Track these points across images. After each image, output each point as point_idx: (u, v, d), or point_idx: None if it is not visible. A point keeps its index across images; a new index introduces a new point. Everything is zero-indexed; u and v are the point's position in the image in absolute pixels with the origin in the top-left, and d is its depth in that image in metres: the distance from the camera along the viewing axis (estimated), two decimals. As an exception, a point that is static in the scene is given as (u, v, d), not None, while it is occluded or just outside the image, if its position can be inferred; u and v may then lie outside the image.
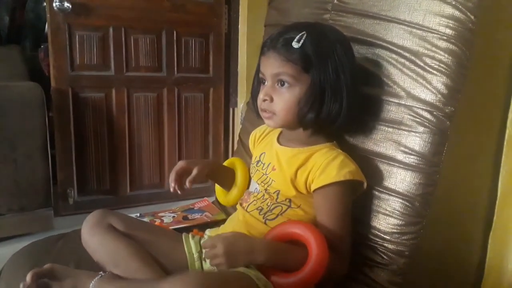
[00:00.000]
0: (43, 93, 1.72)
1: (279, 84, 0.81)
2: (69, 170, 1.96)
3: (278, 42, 0.81)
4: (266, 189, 0.87)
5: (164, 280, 0.70)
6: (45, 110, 1.71)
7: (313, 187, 0.80)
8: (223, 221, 1.00)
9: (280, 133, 0.93)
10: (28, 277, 0.77)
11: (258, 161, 0.93)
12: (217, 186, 1.04)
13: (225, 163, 1.05)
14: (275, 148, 0.90)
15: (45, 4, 1.86)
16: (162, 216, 1.24)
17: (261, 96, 0.83)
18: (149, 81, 2.06)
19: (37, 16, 3.75)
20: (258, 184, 0.90)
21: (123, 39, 1.96)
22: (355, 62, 0.85)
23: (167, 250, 0.87)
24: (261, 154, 0.93)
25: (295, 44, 0.78)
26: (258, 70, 0.87)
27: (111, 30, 1.94)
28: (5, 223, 1.70)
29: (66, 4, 1.82)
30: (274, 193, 0.86)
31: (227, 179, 1.01)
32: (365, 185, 0.81)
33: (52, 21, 1.85)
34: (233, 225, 0.90)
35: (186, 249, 0.89)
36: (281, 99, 0.81)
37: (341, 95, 0.80)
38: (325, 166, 0.79)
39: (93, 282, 0.78)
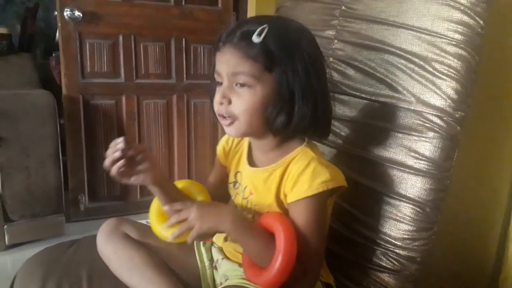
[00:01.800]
0: (54, 101, 1.75)
1: (238, 85, 0.70)
2: (80, 177, 1.98)
3: (235, 35, 0.69)
4: (253, 217, 0.79)
5: None
6: (56, 117, 1.74)
7: (287, 200, 0.73)
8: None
9: (249, 147, 0.83)
10: None
11: (235, 182, 0.84)
12: (153, 209, 0.85)
13: (178, 184, 0.85)
14: (248, 171, 0.80)
15: (56, 13, 1.89)
16: (173, 223, 1.24)
17: (217, 98, 0.72)
18: (158, 88, 2.08)
19: (48, 25, 3.81)
20: (243, 210, 0.81)
21: (133, 46, 1.99)
22: (323, 59, 0.75)
23: (180, 258, 0.86)
24: (237, 173, 0.84)
25: (255, 38, 0.67)
26: (213, 69, 0.75)
27: (121, 38, 1.96)
28: (18, 230, 1.73)
29: (77, 13, 1.85)
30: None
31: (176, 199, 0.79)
32: (345, 186, 0.74)
33: (63, 30, 1.88)
34: (232, 245, 0.84)
35: (197, 257, 0.88)
36: (241, 101, 0.70)
37: (313, 96, 0.70)
38: (297, 177, 0.71)
39: None
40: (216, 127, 2.24)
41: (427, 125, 0.83)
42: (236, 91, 0.70)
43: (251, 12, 2.08)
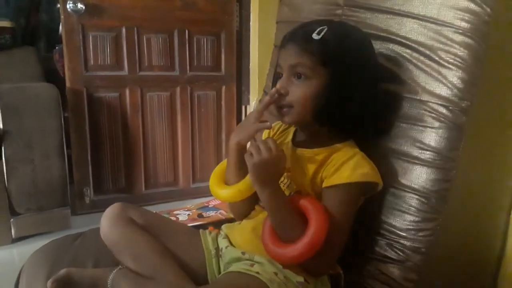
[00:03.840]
0: (58, 94, 1.75)
1: (296, 77, 0.78)
2: (85, 170, 1.98)
3: (298, 34, 0.79)
4: (290, 193, 0.84)
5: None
6: (60, 110, 1.74)
7: (324, 184, 0.78)
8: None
9: (294, 135, 0.89)
10: (49, 286, 0.78)
11: None
12: (217, 173, 0.90)
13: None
14: (290, 150, 0.86)
15: (58, 5, 1.89)
16: (178, 214, 1.25)
17: (277, 87, 0.79)
18: (162, 80, 2.07)
19: (51, 17, 3.80)
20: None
21: (136, 39, 1.98)
22: (377, 63, 0.83)
23: (185, 245, 0.87)
24: None
25: (314, 36, 0.76)
26: (276, 65, 0.84)
27: (124, 30, 1.95)
28: (24, 223, 1.74)
29: (80, 6, 1.84)
30: (292, 194, 0.83)
31: (240, 169, 0.85)
32: (380, 186, 0.79)
33: (66, 23, 1.87)
34: (252, 224, 0.87)
35: (203, 245, 0.89)
36: (297, 91, 0.78)
37: (361, 97, 0.77)
38: (340, 164, 0.77)
39: (112, 274, 0.79)
40: (220, 119, 2.24)
41: (433, 115, 0.82)
42: (294, 82, 0.78)
43: (254, 3, 2.06)
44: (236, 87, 2.23)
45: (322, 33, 0.76)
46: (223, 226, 0.95)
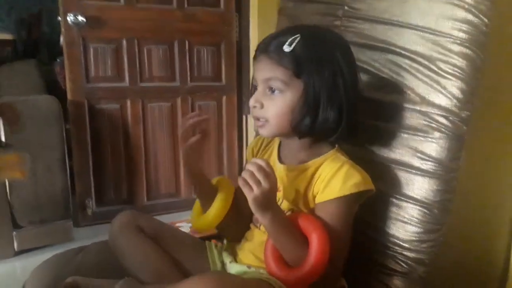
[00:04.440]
0: (60, 106, 1.76)
1: (270, 91, 0.77)
2: (87, 181, 1.99)
3: (270, 45, 0.76)
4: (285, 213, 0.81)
5: (184, 280, 0.68)
6: (62, 122, 1.75)
7: (316, 200, 0.77)
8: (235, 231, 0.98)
9: (279, 146, 0.87)
10: None
11: None
12: (196, 205, 0.91)
13: (214, 181, 0.90)
14: (278, 167, 0.83)
15: (59, 18, 1.90)
16: (180, 226, 1.25)
17: (251, 102, 0.78)
18: (163, 91, 2.08)
19: (52, 30, 3.84)
20: None
21: (137, 50, 1.99)
22: (356, 69, 0.80)
23: (191, 256, 0.87)
24: None
25: (286, 48, 0.74)
26: (253, 76, 0.82)
27: (124, 42, 1.97)
28: (26, 235, 1.74)
29: (80, 18, 1.86)
30: (287, 212, 0.81)
31: (209, 198, 0.86)
32: (373, 190, 0.78)
33: (67, 35, 1.89)
34: (250, 247, 0.86)
35: (210, 257, 0.89)
36: (272, 105, 0.76)
37: (339, 102, 0.75)
38: (330, 178, 0.76)
39: (118, 284, 0.78)
40: (221, 129, 2.24)
41: (433, 125, 0.82)
42: (269, 96, 0.77)
43: (253, 13, 2.07)
44: (236, 97, 2.24)
45: (294, 44, 0.74)
46: (225, 240, 0.95)
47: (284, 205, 0.81)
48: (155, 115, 2.08)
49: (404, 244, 0.83)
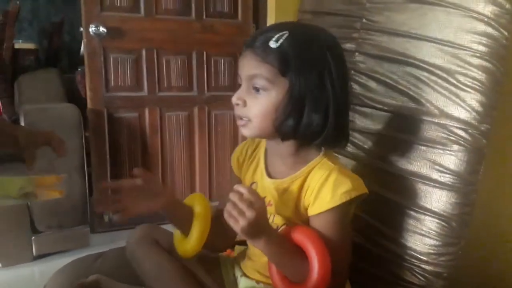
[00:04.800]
0: (80, 114, 1.80)
1: (254, 89, 0.72)
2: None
3: (256, 40, 0.72)
4: (277, 227, 0.79)
5: None
6: (82, 130, 1.78)
7: (309, 213, 0.74)
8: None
9: (265, 154, 0.83)
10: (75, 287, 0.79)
11: None
12: (175, 230, 0.85)
13: (186, 201, 0.84)
14: (266, 183, 0.80)
15: (81, 29, 1.95)
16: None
17: (234, 99, 0.74)
18: (180, 100, 2.11)
19: (73, 39, 3.94)
20: None
21: (155, 60, 2.03)
22: (346, 72, 0.75)
23: (205, 268, 0.87)
24: (252, 184, 0.83)
25: (272, 44, 0.69)
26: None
27: (144, 52, 2.01)
28: (45, 240, 1.77)
29: (102, 29, 1.90)
30: (280, 227, 0.78)
31: (185, 221, 0.80)
32: (366, 194, 0.74)
33: (88, 45, 1.93)
34: (255, 266, 0.84)
35: (223, 270, 0.89)
36: (255, 104, 0.72)
37: (325, 105, 0.70)
38: (319, 189, 0.72)
39: None
40: (236, 138, 2.26)
41: (452, 138, 0.82)
42: (252, 94, 0.73)
43: (270, 24, 2.10)
44: (252, 107, 2.25)
45: (281, 40, 0.69)
46: (236, 248, 0.95)
47: (277, 219, 0.78)
48: (172, 124, 2.11)
49: (421, 257, 0.82)
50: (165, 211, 0.78)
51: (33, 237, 1.74)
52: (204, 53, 2.11)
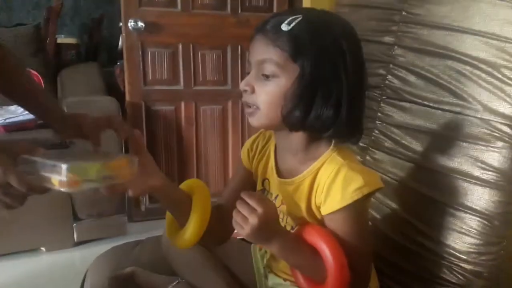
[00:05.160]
0: (119, 107, 1.86)
1: (264, 76, 0.67)
2: (141, 179, 2.07)
3: (268, 23, 0.68)
4: (291, 228, 0.77)
5: None
6: (120, 122, 1.84)
7: (322, 212, 0.71)
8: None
9: (276, 149, 0.79)
10: (111, 279, 0.83)
11: (263, 190, 0.81)
12: (168, 217, 0.81)
13: (182, 186, 0.80)
14: (276, 182, 0.77)
15: (120, 24, 2.01)
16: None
17: (241, 85, 0.70)
18: (215, 94, 2.14)
19: (111, 34, 4.06)
20: None
21: (191, 55, 2.06)
22: (363, 63, 0.70)
23: (238, 260, 0.88)
24: (264, 181, 0.81)
25: (284, 27, 0.65)
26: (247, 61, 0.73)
27: (180, 46, 2.04)
28: (85, 228, 1.85)
29: (140, 24, 1.95)
30: (294, 228, 0.76)
31: (182, 208, 0.75)
32: (381, 188, 0.70)
33: (127, 40, 1.99)
34: (278, 266, 0.83)
35: (254, 263, 0.89)
36: (264, 91, 0.67)
37: (338, 97, 0.66)
38: (328, 187, 0.68)
39: (170, 287, 0.82)
40: (269, 132, 2.27)
41: (495, 134, 0.79)
42: (262, 80, 0.68)
43: (306, 18, 2.08)
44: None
45: (293, 23, 0.65)
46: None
47: (290, 221, 0.76)
48: (207, 117, 2.14)
49: (461, 256, 0.80)
50: (158, 193, 0.72)
51: (75, 224, 1.83)
52: (239, 47, 2.12)
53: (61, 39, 3.47)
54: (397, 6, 1.02)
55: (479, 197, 0.80)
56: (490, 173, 0.79)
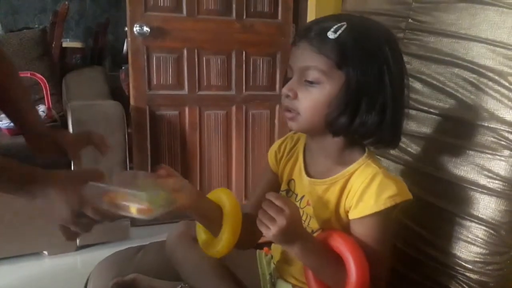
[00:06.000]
0: (123, 111, 1.86)
1: (307, 82, 0.68)
2: (144, 183, 2.07)
3: (312, 31, 0.68)
4: (312, 231, 0.77)
5: None
6: (125, 127, 1.85)
7: (350, 216, 0.71)
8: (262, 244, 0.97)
9: (305, 151, 0.80)
10: (113, 285, 0.82)
11: (287, 190, 0.82)
12: (198, 226, 0.81)
13: (210, 196, 0.79)
14: (305, 180, 0.77)
15: (126, 28, 2.02)
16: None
17: (284, 90, 0.70)
18: (219, 99, 2.14)
19: (116, 38, 4.08)
20: None
21: (196, 60, 2.07)
22: (404, 67, 0.72)
23: (242, 266, 0.88)
24: (290, 181, 0.82)
25: (330, 34, 0.66)
26: (287, 65, 0.74)
27: (185, 51, 2.05)
28: (88, 232, 1.84)
29: (145, 29, 1.96)
30: (316, 231, 0.76)
31: (212, 218, 0.75)
32: (410, 199, 0.71)
33: (132, 44, 2.00)
34: (291, 271, 0.83)
35: (260, 269, 0.89)
36: (307, 97, 0.68)
37: (382, 103, 0.67)
38: (362, 192, 0.69)
39: None
40: (273, 138, 2.27)
41: (502, 142, 0.79)
42: (305, 86, 0.69)
43: (310, 24, 2.09)
44: (290, 106, 2.25)
45: (340, 31, 0.66)
46: (272, 248, 0.93)
47: (313, 223, 0.76)
48: (211, 122, 2.15)
49: (466, 265, 0.80)
50: (190, 210, 0.71)
51: (77, 228, 1.82)
52: (244, 52, 2.13)
53: (67, 43, 3.49)
54: (403, 13, 1.02)
55: (486, 206, 0.79)
56: (496, 182, 0.79)
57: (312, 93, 0.68)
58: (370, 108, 0.67)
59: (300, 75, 0.69)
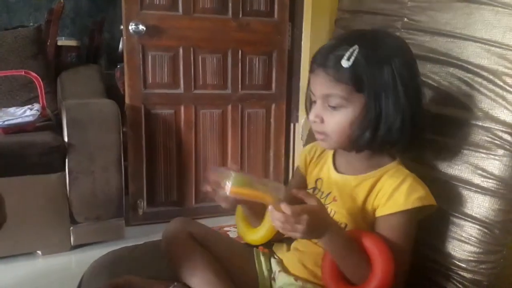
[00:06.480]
0: (118, 110, 1.85)
1: (331, 107, 0.75)
2: (140, 182, 2.07)
3: (327, 60, 0.73)
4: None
5: None
6: (120, 125, 1.84)
7: (378, 213, 0.76)
8: (286, 238, 0.98)
9: (334, 154, 0.86)
10: (106, 287, 0.82)
11: (314, 188, 0.86)
12: (238, 212, 0.88)
13: None
14: (334, 177, 0.83)
15: (121, 27, 2.01)
16: (228, 231, 1.26)
17: (311, 117, 0.77)
18: (215, 98, 2.14)
19: (112, 36, 4.06)
20: None
21: (192, 58, 2.06)
22: (418, 75, 0.77)
23: (239, 264, 0.88)
24: (317, 180, 0.86)
25: (344, 63, 0.71)
26: (308, 87, 0.80)
27: (181, 50, 2.04)
28: (82, 231, 1.84)
29: (141, 27, 1.95)
30: (341, 225, 0.79)
31: (255, 210, 0.83)
32: (435, 206, 0.76)
33: (127, 43, 1.99)
34: (300, 256, 0.85)
35: (257, 266, 0.89)
36: (332, 121, 0.75)
37: (401, 111, 0.72)
38: (392, 191, 0.74)
39: None
40: (268, 136, 2.27)
41: (496, 142, 0.79)
42: (329, 111, 0.75)
43: (306, 24, 2.09)
44: (285, 105, 2.26)
45: (353, 58, 0.71)
46: (274, 247, 0.95)
47: (338, 217, 0.78)
48: (206, 121, 2.14)
49: (460, 264, 0.80)
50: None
51: (72, 228, 1.81)
52: (240, 51, 2.12)
53: (62, 41, 3.47)
54: (398, 12, 1.02)
55: (479, 205, 0.79)
56: (490, 181, 0.79)
57: (336, 117, 0.74)
58: (391, 122, 0.72)
59: (323, 101, 0.75)
